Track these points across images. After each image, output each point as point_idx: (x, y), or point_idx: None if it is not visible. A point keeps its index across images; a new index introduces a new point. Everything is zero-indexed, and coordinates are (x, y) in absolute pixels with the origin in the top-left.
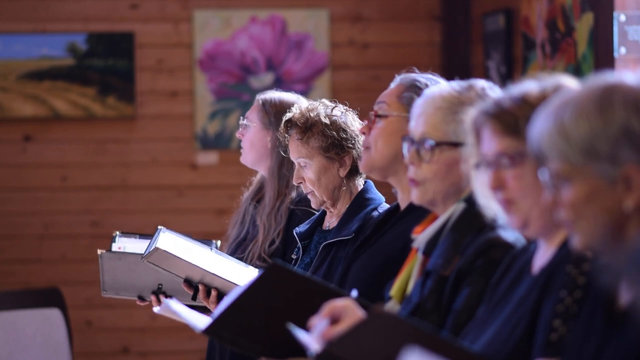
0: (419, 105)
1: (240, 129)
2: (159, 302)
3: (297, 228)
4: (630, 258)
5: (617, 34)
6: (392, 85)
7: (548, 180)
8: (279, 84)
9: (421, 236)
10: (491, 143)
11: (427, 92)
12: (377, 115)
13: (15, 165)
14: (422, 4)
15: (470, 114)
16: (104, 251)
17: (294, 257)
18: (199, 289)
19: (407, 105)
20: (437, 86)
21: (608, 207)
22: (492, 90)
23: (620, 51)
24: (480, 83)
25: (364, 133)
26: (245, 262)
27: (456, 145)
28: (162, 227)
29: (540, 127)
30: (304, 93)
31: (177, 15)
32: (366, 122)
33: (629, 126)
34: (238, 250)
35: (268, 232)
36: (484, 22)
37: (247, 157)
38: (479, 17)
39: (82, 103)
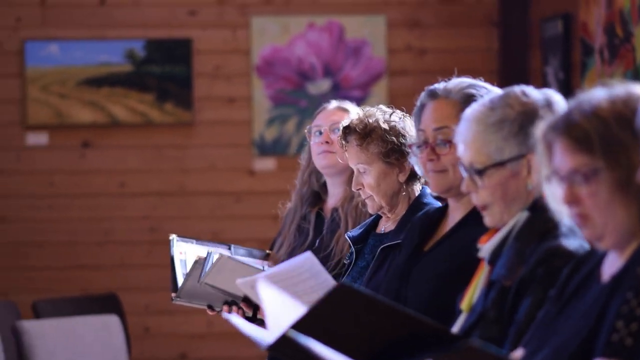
0: (459, 132)
1: (329, 134)
2: (230, 311)
3: (349, 232)
4: None
5: None
6: (433, 102)
7: None
8: (337, 90)
9: (486, 246)
10: (564, 159)
11: (464, 117)
12: (447, 141)
13: (74, 171)
14: (479, 9)
15: (540, 129)
16: (202, 257)
17: (345, 262)
18: None
19: None
20: (471, 107)
21: None
22: (528, 96)
23: None
24: (516, 90)
25: (431, 160)
26: (335, 256)
27: (502, 163)
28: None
29: None
30: (362, 99)
31: (235, 21)
32: (423, 146)
33: None
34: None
35: (356, 222)
36: (542, 27)
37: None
38: (536, 23)
39: (140, 109)
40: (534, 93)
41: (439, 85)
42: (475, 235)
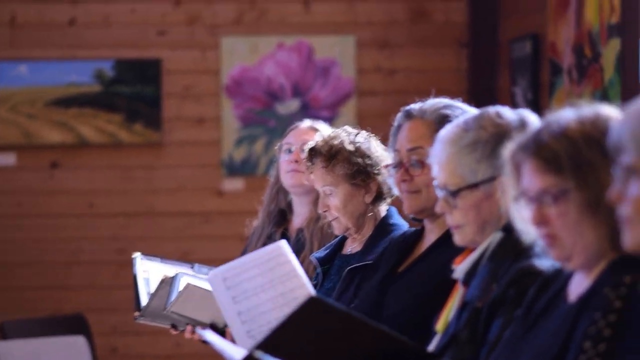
0: (433, 154)
1: (294, 155)
2: (193, 332)
3: (315, 253)
4: None
5: None
6: (408, 122)
7: (619, 174)
8: (305, 110)
9: (460, 267)
10: (532, 180)
11: (438, 138)
12: (421, 162)
13: (42, 191)
14: (448, 30)
15: (509, 149)
16: (168, 276)
17: (312, 283)
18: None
19: None
20: (446, 128)
21: None
22: (502, 117)
23: None
24: (491, 111)
25: (404, 180)
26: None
27: (476, 185)
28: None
29: (625, 121)
30: (330, 119)
31: (204, 41)
32: (397, 166)
33: None
34: None
35: (321, 243)
36: (511, 47)
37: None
38: (505, 43)
39: (109, 130)
40: (508, 114)
41: (415, 106)
42: (450, 256)
